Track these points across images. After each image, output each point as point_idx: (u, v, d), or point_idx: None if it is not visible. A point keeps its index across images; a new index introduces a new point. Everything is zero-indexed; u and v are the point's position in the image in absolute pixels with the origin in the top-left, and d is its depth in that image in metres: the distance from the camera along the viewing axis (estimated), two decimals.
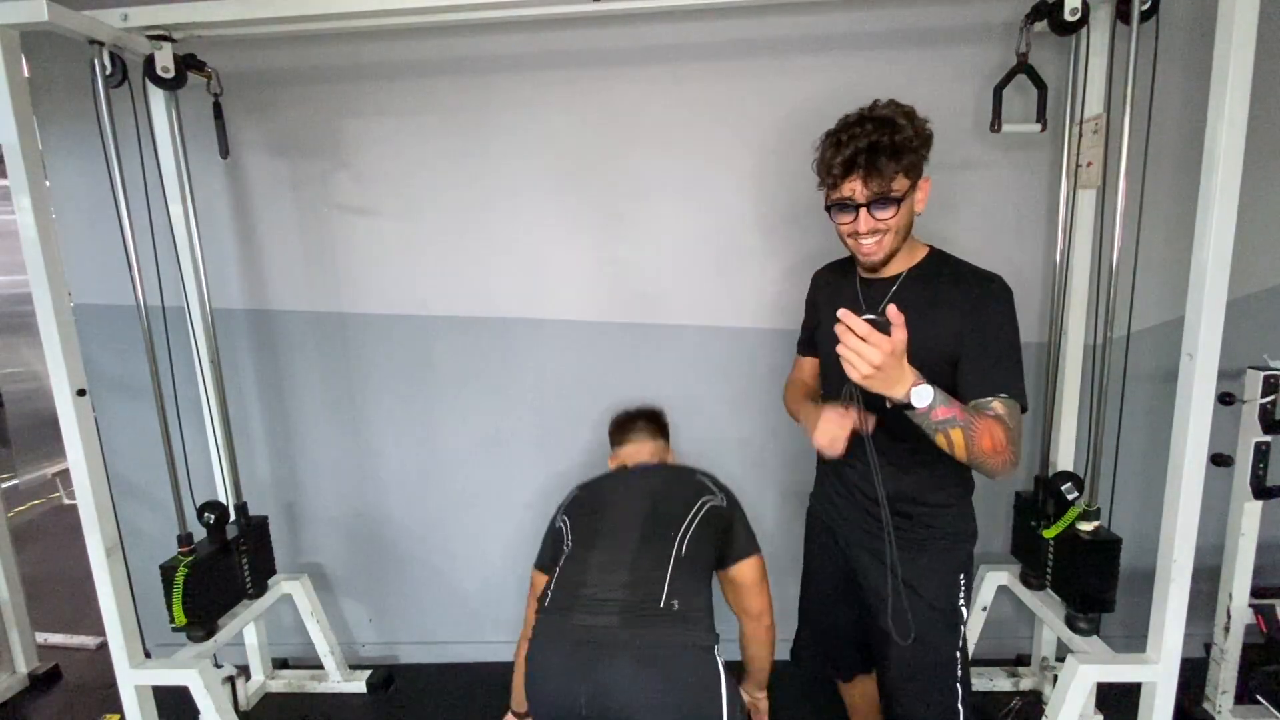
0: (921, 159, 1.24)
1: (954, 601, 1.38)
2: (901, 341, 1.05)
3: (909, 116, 1.23)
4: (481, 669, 2.38)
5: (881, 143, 1.18)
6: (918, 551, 1.38)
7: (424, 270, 2.16)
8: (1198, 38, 1.82)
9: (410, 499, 2.34)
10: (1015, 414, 1.18)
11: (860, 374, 1.06)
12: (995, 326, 1.22)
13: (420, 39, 2.02)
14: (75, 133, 2.07)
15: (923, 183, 1.27)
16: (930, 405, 1.10)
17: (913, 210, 1.28)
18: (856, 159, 1.19)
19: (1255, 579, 1.86)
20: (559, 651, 1.33)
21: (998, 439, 1.13)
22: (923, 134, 1.24)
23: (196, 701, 1.82)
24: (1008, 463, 1.15)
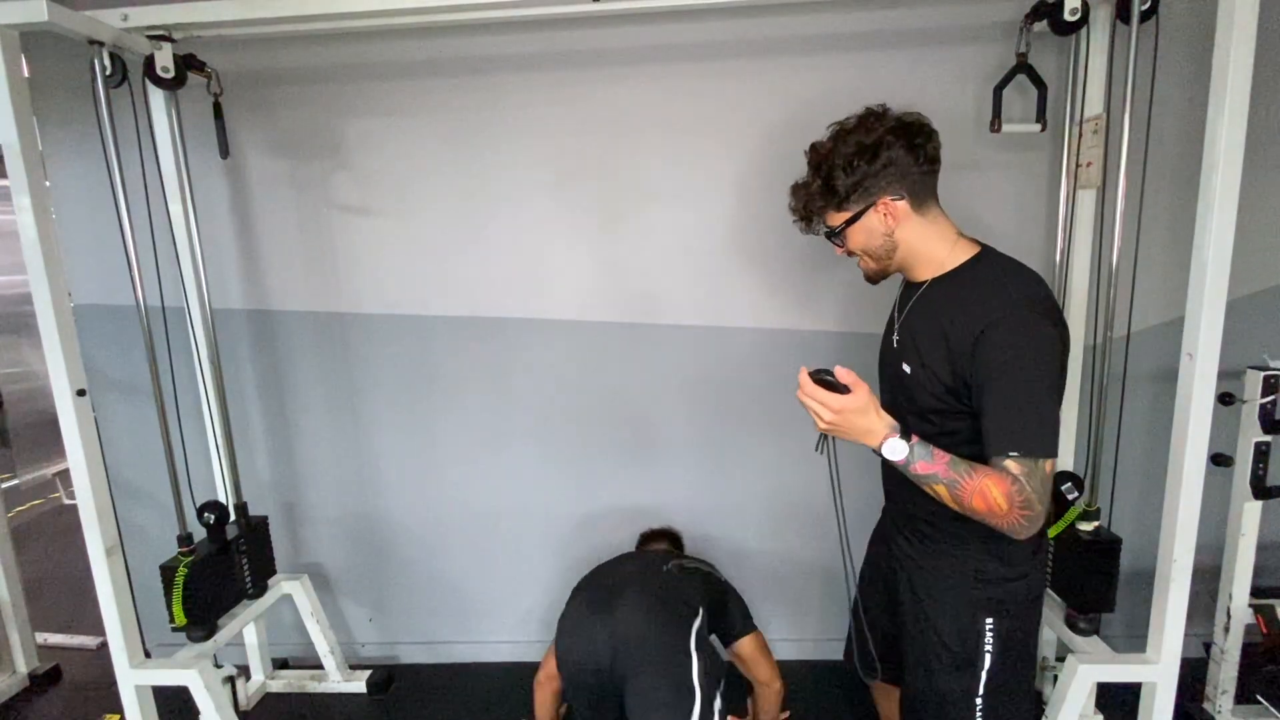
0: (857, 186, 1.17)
1: (970, 644, 1.25)
2: (852, 402, 1.06)
3: (835, 145, 1.20)
4: (481, 669, 2.38)
5: (809, 189, 1.24)
6: (935, 577, 1.29)
7: (424, 270, 2.16)
8: (1198, 37, 1.82)
9: (410, 499, 2.34)
10: (1034, 472, 1.03)
11: (820, 426, 1.11)
12: (1005, 362, 1.06)
13: (420, 39, 2.02)
14: (75, 133, 2.07)
15: (879, 204, 1.18)
16: (906, 460, 1.07)
17: (879, 232, 1.21)
18: (795, 212, 1.29)
19: (1255, 579, 1.86)
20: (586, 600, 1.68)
21: (993, 501, 1.03)
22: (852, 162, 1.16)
23: (196, 701, 1.82)
24: (1015, 524, 1.04)
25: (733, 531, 2.28)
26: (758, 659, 1.81)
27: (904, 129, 1.16)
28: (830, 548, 2.28)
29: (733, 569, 2.29)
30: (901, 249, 1.22)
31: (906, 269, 1.27)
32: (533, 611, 2.39)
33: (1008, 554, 1.23)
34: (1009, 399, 1.07)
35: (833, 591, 2.32)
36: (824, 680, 2.24)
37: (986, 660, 1.25)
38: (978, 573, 1.24)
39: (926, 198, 1.20)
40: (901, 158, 1.16)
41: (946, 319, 1.15)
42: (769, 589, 2.32)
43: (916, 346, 1.20)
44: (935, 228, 1.21)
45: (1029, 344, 1.07)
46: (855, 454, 2.14)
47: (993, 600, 1.24)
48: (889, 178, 1.16)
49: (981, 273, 1.18)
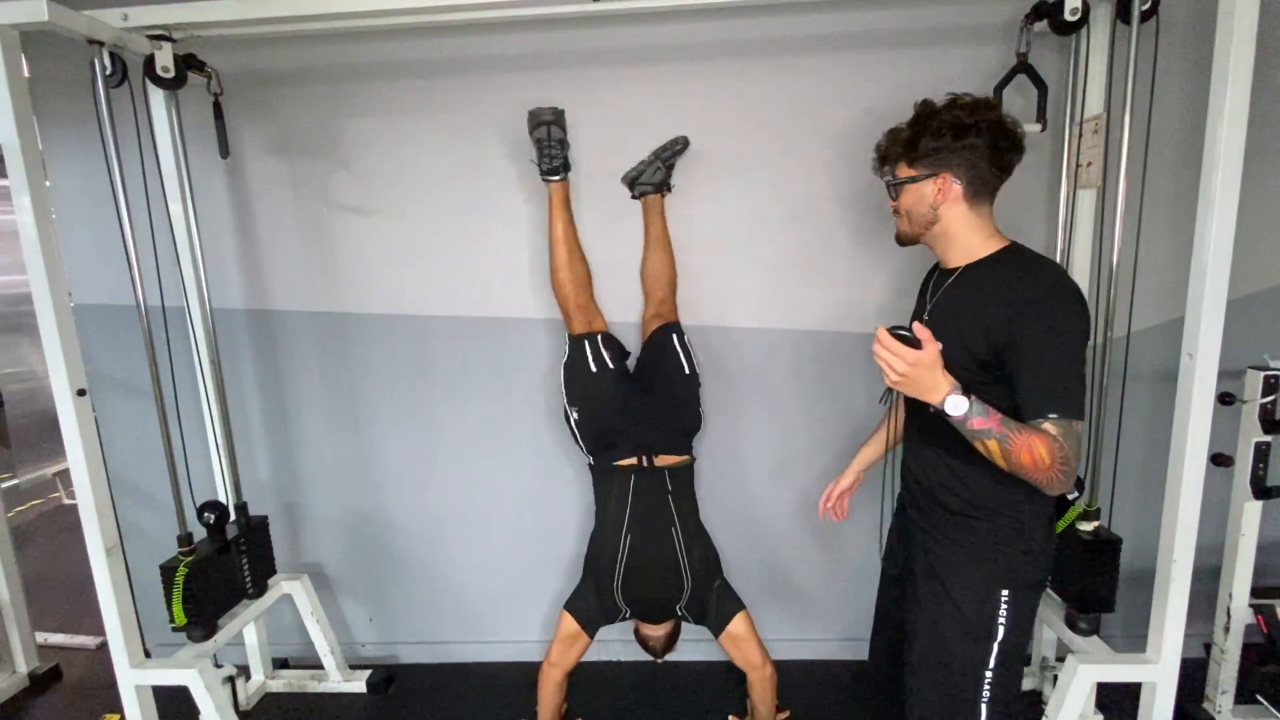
0: (933, 152, 1.26)
1: (986, 615, 1.31)
2: (925, 356, 1.13)
3: (939, 110, 1.28)
4: (481, 669, 2.39)
5: (899, 135, 1.33)
6: (955, 549, 1.35)
7: (424, 270, 2.16)
8: (1198, 38, 1.82)
9: (410, 499, 2.34)
10: (1069, 432, 1.14)
11: (890, 379, 1.17)
12: (1045, 337, 1.16)
13: (420, 39, 2.02)
14: (75, 133, 2.07)
15: (940, 178, 1.26)
16: (966, 415, 1.14)
17: (927, 201, 1.29)
18: (878, 149, 1.39)
19: (1255, 579, 1.86)
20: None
21: (1039, 456, 1.12)
22: (943, 129, 1.24)
23: (196, 701, 1.82)
24: (1054, 479, 1.14)
25: (734, 530, 2.28)
26: (751, 639, 1.84)
27: (999, 129, 1.24)
28: (833, 547, 2.29)
29: (735, 568, 2.29)
30: (939, 226, 1.30)
31: (939, 249, 1.35)
32: (533, 611, 2.39)
33: (1026, 527, 1.30)
34: (1047, 367, 1.16)
35: (836, 591, 2.32)
36: (827, 680, 2.24)
37: (1000, 632, 1.31)
38: (997, 543, 1.31)
39: (983, 194, 1.28)
40: (981, 150, 1.23)
41: (984, 297, 1.24)
42: (771, 589, 2.32)
43: (950, 325, 1.26)
44: (978, 221, 1.29)
45: (1064, 318, 1.17)
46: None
47: (1009, 572, 1.31)
48: (962, 160, 1.24)
49: (1017, 259, 1.27)
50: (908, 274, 2.04)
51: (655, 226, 2.03)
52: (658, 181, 1.99)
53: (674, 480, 1.88)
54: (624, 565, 1.84)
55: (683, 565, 1.84)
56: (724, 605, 1.86)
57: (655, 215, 2.03)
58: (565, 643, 1.87)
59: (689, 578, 1.84)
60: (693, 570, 1.85)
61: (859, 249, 2.06)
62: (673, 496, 1.87)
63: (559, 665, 1.88)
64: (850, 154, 1.99)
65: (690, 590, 1.84)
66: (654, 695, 2.22)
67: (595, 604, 1.88)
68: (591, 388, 1.94)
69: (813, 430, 2.20)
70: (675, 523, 1.86)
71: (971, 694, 1.33)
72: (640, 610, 1.90)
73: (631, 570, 1.84)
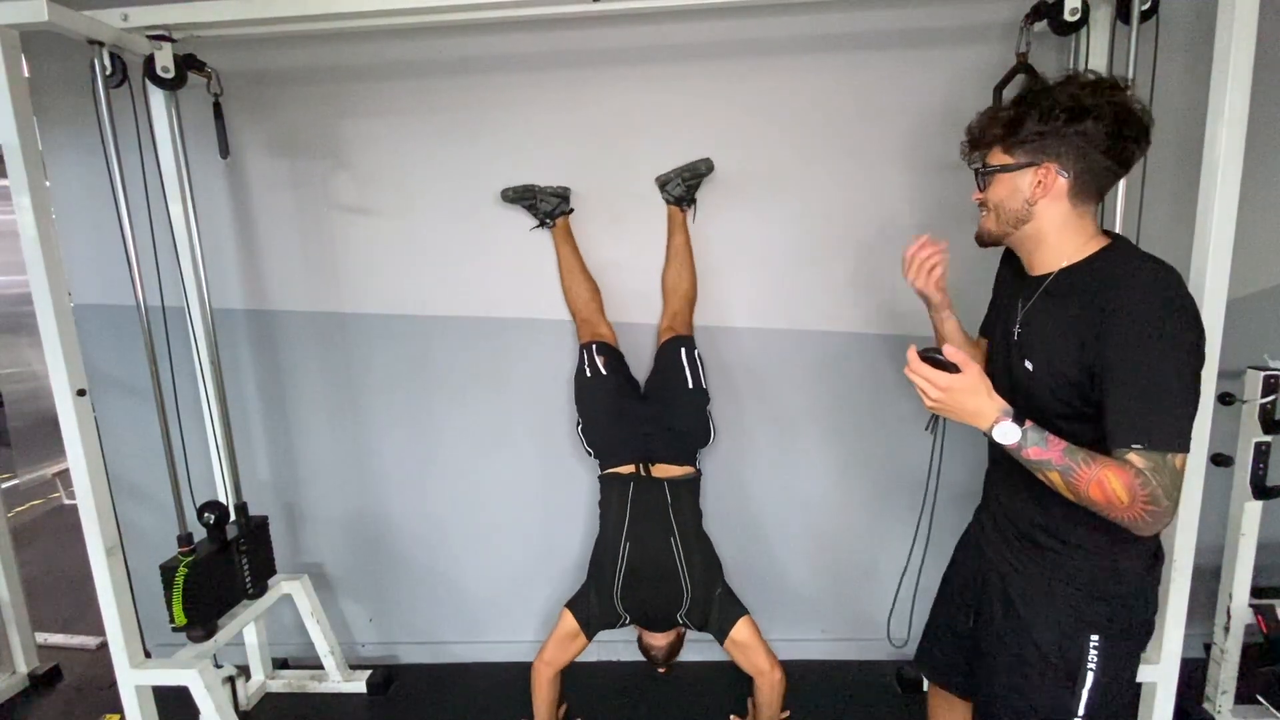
0: (1039, 137, 1.06)
1: (1071, 659, 1.16)
2: (961, 381, 1.03)
3: (1052, 88, 1.07)
4: (481, 669, 2.38)
5: (998, 114, 1.13)
6: (1035, 583, 1.21)
7: (423, 270, 2.16)
8: (1198, 37, 1.82)
9: (410, 499, 2.34)
10: (1162, 467, 0.96)
11: (927, 404, 1.08)
12: (1132, 347, 0.98)
13: (420, 39, 2.02)
14: (75, 133, 2.07)
15: (1042, 168, 1.08)
16: (1019, 444, 1.02)
17: (1023, 195, 1.10)
18: (969, 131, 1.18)
19: (1255, 579, 1.86)
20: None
21: (1112, 493, 0.97)
22: (1056, 109, 1.04)
23: (196, 701, 1.82)
24: (1137, 520, 0.98)
25: (735, 530, 2.28)
26: (757, 643, 1.83)
27: (1125, 114, 1.04)
28: (839, 546, 2.28)
29: (739, 568, 2.29)
30: (1033, 224, 1.12)
31: (1025, 251, 1.17)
32: (533, 612, 2.39)
33: (1123, 569, 1.15)
34: (1137, 387, 0.98)
35: (841, 591, 2.32)
36: (833, 681, 2.24)
37: (1089, 679, 1.16)
38: (1090, 586, 1.16)
39: (1091, 191, 1.09)
40: (1098, 137, 1.04)
41: (1077, 306, 1.07)
42: (776, 589, 2.32)
43: (1042, 341, 1.12)
44: (1079, 222, 1.11)
45: (1163, 329, 0.98)
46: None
47: (1102, 617, 1.16)
48: (1072, 149, 1.05)
49: (1117, 258, 1.09)
50: None
51: (676, 239, 2.05)
52: (676, 196, 2.01)
53: (674, 492, 1.88)
54: (623, 572, 1.84)
55: (682, 574, 1.84)
56: (726, 612, 1.85)
57: (677, 228, 2.05)
58: (562, 641, 1.87)
59: (689, 586, 1.83)
60: (693, 579, 1.84)
61: (865, 247, 2.06)
62: (673, 508, 1.87)
63: (552, 664, 1.87)
64: (849, 153, 2.00)
65: (690, 598, 1.83)
66: (654, 695, 2.22)
67: (596, 607, 1.88)
68: (589, 393, 1.98)
69: (810, 429, 2.20)
70: (675, 533, 1.85)
71: None
72: (640, 617, 1.89)
73: (631, 577, 1.84)
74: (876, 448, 2.20)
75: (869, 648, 2.33)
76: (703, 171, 2.00)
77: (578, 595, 1.92)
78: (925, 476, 1.52)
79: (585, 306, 2.07)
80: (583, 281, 2.08)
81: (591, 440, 2.00)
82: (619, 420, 1.96)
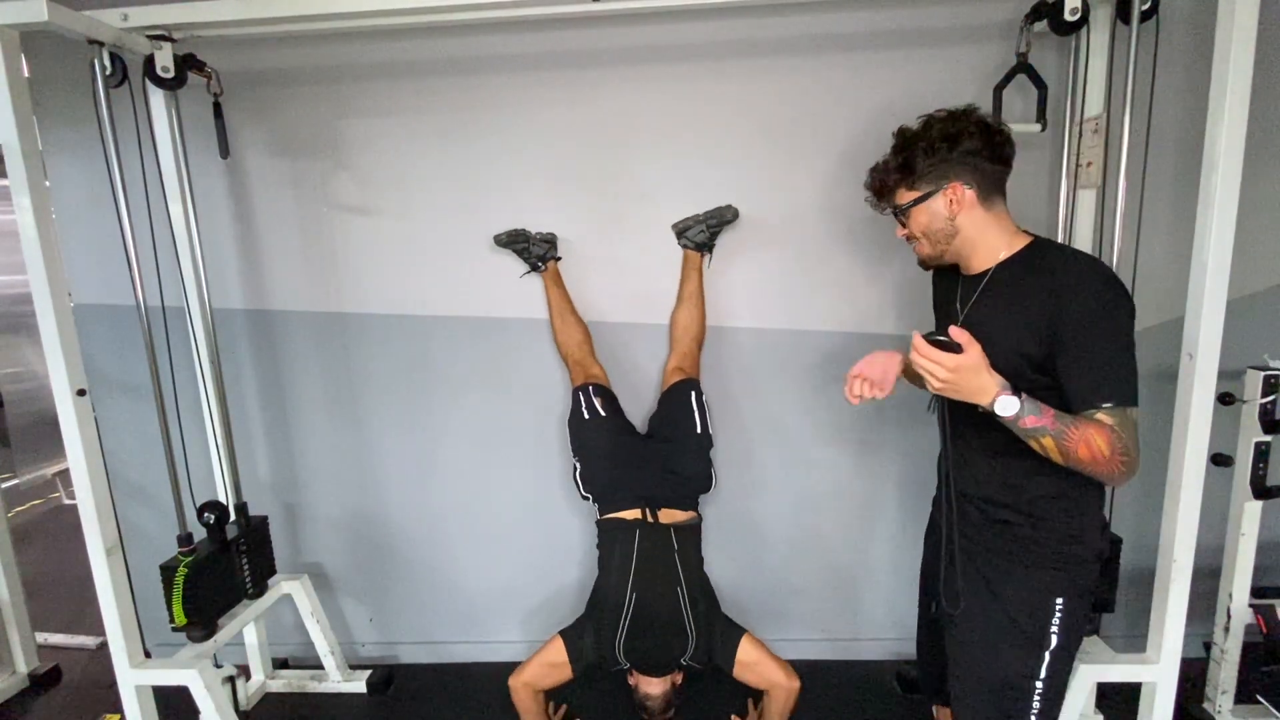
0: (933, 168, 1.25)
1: (1039, 623, 1.28)
2: (967, 360, 1.11)
3: (921, 130, 1.27)
4: (481, 669, 2.38)
5: (888, 165, 1.32)
6: (1007, 560, 1.31)
7: (424, 270, 2.16)
8: (1198, 38, 1.82)
9: (410, 499, 2.34)
10: (1125, 420, 1.11)
11: (934, 386, 1.16)
12: (1086, 323, 1.13)
13: (420, 39, 2.02)
14: (75, 133, 2.07)
15: (949, 189, 1.25)
16: (1017, 414, 1.12)
17: (942, 215, 1.27)
18: (870, 187, 1.38)
19: (1255, 579, 1.86)
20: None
21: (1097, 449, 1.10)
22: (934, 145, 1.24)
23: (196, 701, 1.82)
24: (1115, 471, 1.11)
25: (735, 530, 2.28)
26: (765, 658, 1.80)
27: (986, 127, 1.24)
28: (840, 546, 2.28)
29: (740, 568, 2.30)
30: (960, 236, 1.28)
31: (962, 258, 1.32)
32: (533, 611, 2.39)
33: (1083, 534, 1.27)
34: (1097, 354, 1.13)
35: (841, 591, 2.32)
36: (833, 681, 2.24)
37: (1053, 641, 1.28)
38: (1056, 554, 1.27)
39: (993, 192, 1.27)
40: (979, 150, 1.23)
41: (1024, 293, 1.21)
42: (777, 589, 2.32)
43: (990, 329, 1.22)
44: (997, 221, 1.28)
45: (1109, 303, 1.14)
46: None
47: (1064, 580, 1.28)
48: (964, 166, 1.24)
49: (1049, 250, 1.25)
50: (913, 274, 2.05)
51: (690, 282, 2.05)
52: (699, 242, 2.01)
53: (680, 538, 1.87)
54: (628, 624, 1.80)
55: (688, 623, 1.81)
56: (728, 639, 1.83)
57: (692, 271, 2.04)
58: (546, 667, 1.83)
59: (694, 634, 1.81)
60: (698, 626, 1.82)
61: (865, 247, 2.06)
62: (679, 556, 1.85)
63: (530, 685, 1.83)
64: (849, 153, 1.99)
65: (695, 645, 1.81)
66: None
67: (593, 651, 1.83)
68: (587, 436, 1.97)
69: (811, 428, 2.20)
70: (681, 582, 1.83)
71: (1022, 705, 1.31)
72: (640, 663, 1.85)
73: (635, 628, 1.81)
74: (876, 447, 2.20)
75: (869, 648, 2.33)
76: (728, 219, 1.99)
77: (573, 628, 1.88)
78: (923, 474, 1.53)
79: (578, 348, 2.07)
80: (574, 324, 2.07)
81: (590, 485, 1.96)
82: (621, 463, 1.93)
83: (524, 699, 1.84)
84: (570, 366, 2.10)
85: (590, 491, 1.97)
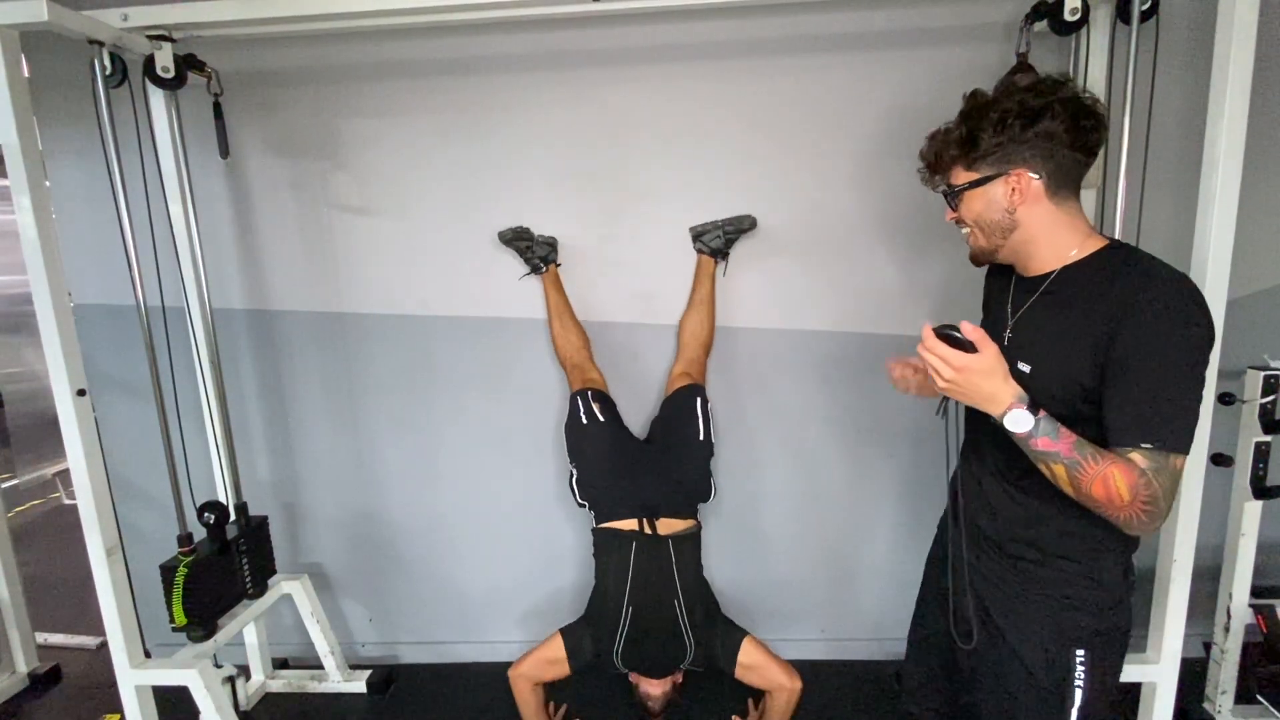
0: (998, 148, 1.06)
1: (1057, 676, 1.14)
2: (978, 362, 0.98)
3: (997, 98, 1.08)
4: (481, 669, 2.38)
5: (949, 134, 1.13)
6: (1014, 599, 1.18)
7: (424, 270, 2.16)
8: (1198, 37, 1.82)
9: (410, 499, 2.34)
10: (1164, 468, 0.95)
11: (939, 385, 1.04)
12: (1143, 345, 0.96)
13: (420, 39, 2.02)
14: (75, 133, 2.07)
15: (1013, 175, 1.06)
16: (1030, 432, 0.98)
17: (1000, 205, 1.09)
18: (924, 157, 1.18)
19: (1255, 579, 1.86)
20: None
21: (1115, 491, 0.94)
22: (1008, 117, 1.04)
23: (196, 701, 1.82)
24: (1134, 519, 0.96)
25: (735, 530, 2.28)
26: (767, 660, 1.80)
27: (1076, 105, 1.04)
28: (840, 546, 2.28)
29: (740, 568, 2.30)
30: (1020, 232, 1.10)
31: (1020, 258, 1.14)
32: (532, 611, 2.39)
33: (1103, 578, 1.13)
34: (1146, 386, 0.96)
35: (841, 592, 2.32)
36: (833, 681, 2.24)
37: (1078, 697, 1.14)
38: (1069, 598, 1.13)
39: (1067, 185, 1.07)
40: (1059, 134, 1.03)
41: (1087, 305, 1.04)
42: (777, 589, 2.32)
43: (1041, 343, 1.10)
44: (1067, 217, 1.08)
45: (1176, 329, 0.97)
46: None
47: (1085, 630, 1.13)
48: (1037, 150, 1.04)
49: (1124, 257, 1.06)
50: (920, 272, 2.04)
51: (702, 288, 2.04)
52: (714, 248, 2.01)
53: (678, 548, 1.85)
54: (625, 635, 1.81)
55: (686, 632, 1.81)
56: (729, 642, 1.82)
57: (704, 277, 2.04)
58: (545, 663, 1.84)
59: (692, 642, 1.81)
60: (696, 635, 1.82)
61: (867, 247, 2.06)
62: (677, 567, 1.83)
63: (528, 677, 1.84)
64: (849, 153, 2.00)
65: (693, 652, 1.82)
66: None
67: (590, 654, 1.84)
68: (585, 442, 1.95)
69: (809, 429, 2.20)
70: (679, 594, 1.82)
71: None
72: (638, 668, 1.86)
73: (633, 639, 1.81)
74: (877, 448, 2.20)
75: (869, 648, 2.33)
76: (745, 227, 1.99)
77: (573, 628, 1.89)
78: (925, 474, 1.52)
79: (576, 353, 2.06)
80: (573, 328, 2.07)
81: (587, 492, 1.94)
82: (620, 470, 1.91)
83: (522, 690, 1.85)
84: (568, 371, 2.09)
85: (586, 499, 1.95)
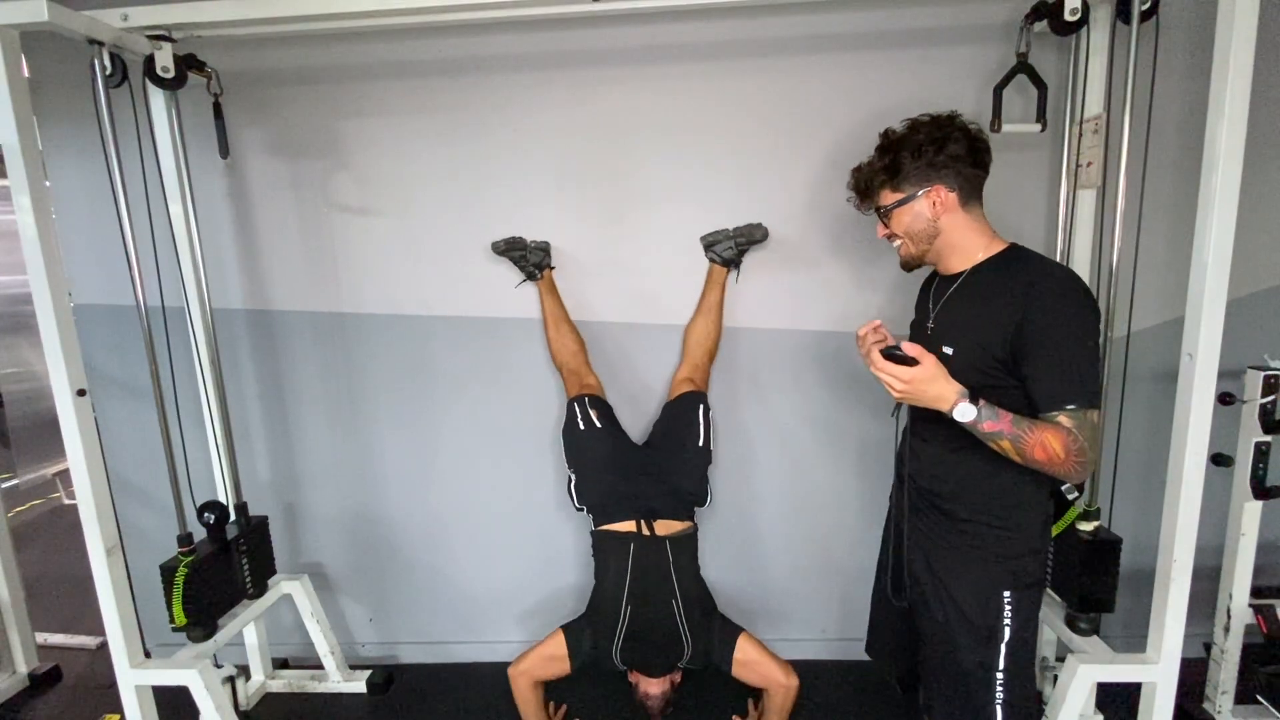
0: (918, 171, 1.31)
1: (990, 616, 1.35)
2: (921, 372, 1.20)
3: (908, 133, 1.33)
4: (481, 669, 2.38)
5: (873, 166, 1.38)
6: (954, 553, 1.39)
7: (424, 270, 2.16)
8: (1198, 37, 1.82)
9: (410, 499, 2.34)
10: (1084, 423, 1.17)
11: (895, 395, 1.25)
12: (1050, 326, 1.19)
13: (420, 39, 2.02)
14: (75, 133, 2.07)
15: (932, 191, 1.31)
16: (975, 420, 1.19)
17: (925, 216, 1.33)
18: (853, 187, 1.44)
19: (1255, 579, 1.86)
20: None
21: (1053, 451, 1.16)
22: (923, 145, 1.30)
23: (196, 701, 1.82)
24: (1070, 471, 1.18)
25: (735, 530, 2.28)
26: (763, 656, 1.81)
27: (968, 132, 1.32)
28: (840, 545, 2.28)
29: (740, 568, 2.30)
30: (942, 238, 1.34)
31: (941, 259, 1.38)
32: (532, 611, 2.39)
33: (1025, 530, 1.34)
34: (1060, 358, 1.18)
35: (841, 592, 2.32)
36: (833, 681, 2.24)
37: (1006, 633, 1.35)
38: (998, 549, 1.35)
39: (973, 197, 1.34)
40: (963, 155, 1.30)
41: (994, 294, 1.27)
42: (777, 589, 2.32)
43: (959, 328, 1.32)
44: (976, 224, 1.34)
45: (1075, 310, 1.20)
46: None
47: (1010, 574, 1.34)
48: (948, 170, 1.30)
49: (1023, 256, 1.31)
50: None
51: (711, 295, 2.05)
52: (726, 258, 2.02)
53: (675, 550, 1.86)
54: (623, 634, 1.82)
55: (683, 632, 1.83)
56: (725, 639, 1.84)
57: (714, 285, 2.05)
58: (545, 660, 1.85)
59: (689, 641, 1.83)
60: (694, 634, 1.83)
61: (865, 247, 2.06)
62: (675, 568, 1.84)
63: (529, 674, 1.85)
64: (850, 152, 1.99)
65: (691, 650, 1.83)
66: None
67: (590, 653, 1.86)
68: (583, 446, 1.95)
69: (809, 429, 2.20)
70: (676, 595, 1.83)
71: (985, 696, 1.36)
72: (636, 666, 1.88)
73: (631, 639, 1.83)
74: (877, 448, 2.20)
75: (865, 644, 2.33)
76: (757, 238, 2.00)
77: (574, 625, 1.90)
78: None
79: (573, 358, 2.06)
80: (568, 332, 2.07)
81: (585, 497, 1.95)
82: (617, 474, 1.92)
83: (522, 687, 1.86)
84: (565, 376, 2.09)
85: (585, 503, 1.95)
